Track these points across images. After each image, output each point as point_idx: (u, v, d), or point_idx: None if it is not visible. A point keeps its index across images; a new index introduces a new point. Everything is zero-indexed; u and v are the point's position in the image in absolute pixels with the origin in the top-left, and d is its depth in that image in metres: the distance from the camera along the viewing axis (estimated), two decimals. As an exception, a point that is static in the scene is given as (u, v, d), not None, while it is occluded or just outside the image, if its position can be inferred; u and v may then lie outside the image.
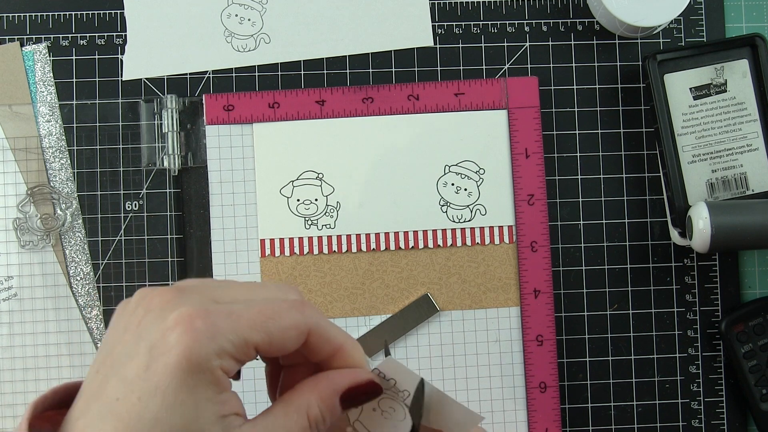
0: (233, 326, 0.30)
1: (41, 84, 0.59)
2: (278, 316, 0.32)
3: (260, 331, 0.31)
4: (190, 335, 0.29)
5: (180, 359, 0.29)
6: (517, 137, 0.59)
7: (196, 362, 0.29)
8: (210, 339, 0.30)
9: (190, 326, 0.29)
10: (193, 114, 0.59)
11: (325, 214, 0.58)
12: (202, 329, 0.29)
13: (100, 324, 0.58)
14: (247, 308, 0.31)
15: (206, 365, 0.29)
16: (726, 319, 0.58)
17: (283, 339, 0.32)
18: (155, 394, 0.29)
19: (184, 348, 0.29)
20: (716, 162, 0.57)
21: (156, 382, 0.29)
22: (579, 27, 0.60)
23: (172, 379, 0.29)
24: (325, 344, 0.33)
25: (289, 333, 0.32)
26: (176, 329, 0.29)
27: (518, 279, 0.58)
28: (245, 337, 0.31)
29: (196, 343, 0.29)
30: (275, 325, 0.31)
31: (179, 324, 0.30)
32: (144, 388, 0.29)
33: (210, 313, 0.30)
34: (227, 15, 0.60)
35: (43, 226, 0.58)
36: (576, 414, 0.59)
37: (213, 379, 0.30)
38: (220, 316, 0.30)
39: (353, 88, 0.59)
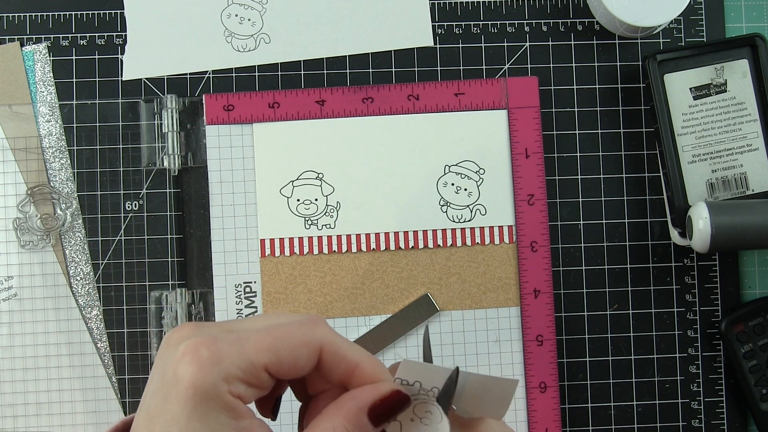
0: (239, 350, 0.31)
1: (41, 84, 0.59)
2: (287, 336, 0.32)
3: (267, 352, 0.31)
4: (196, 363, 0.30)
5: (188, 388, 0.30)
6: (517, 137, 0.59)
7: (203, 389, 0.30)
8: (215, 365, 0.30)
9: (196, 354, 0.30)
10: (193, 114, 0.59)
11: (325, 214, 0.58)
12: (206, 356, 0.30)
13: (100, 324, 0.58)
14: (256, 332, 0.32)
15: (214, 391, 0.30)
16: (726, 319, 0.58)
17: (293, 358, 0.32)
18: (171, 425, 0.30)
19: (191, 376, 0.30)
20: (716, 162, 0.57)
21: (171, 414, 0.30)
22: (579, 27, 0.60)
23: (183, 409, 0.29)
24: (340, 362, 0.33)
25: (298, 351, 0.32)
26: (184, 359, 0.30)
27: (518, 279, 0.58)
28: (251, 359, 0.31)
29: (201, 370, 0.30)
30: (283, 344, 0.31)
31: (186, 354, 0.30)
32: (163, 421, 0.30)
33: (216, 341, 0.31)
34: (227, 15, 0.60)
35: (43, 226, 0.58)
36: (576, 414, 0.59)
37: (224, 405, 0.30)
38: (226, 343, 0.31)
39: (353, 88, 0.59)
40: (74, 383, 0.57)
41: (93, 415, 0.57)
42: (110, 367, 0.58)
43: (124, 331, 0.58)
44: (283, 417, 0.57)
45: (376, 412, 0.32)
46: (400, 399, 0.33)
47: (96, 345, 0.58)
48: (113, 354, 0.58)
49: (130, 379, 0.57)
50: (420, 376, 0.34)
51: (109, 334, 0.58)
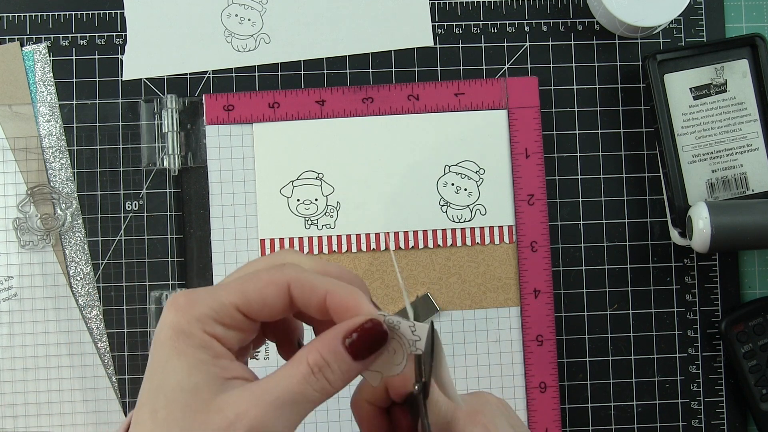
0: (211, 294, 0.33)
1: (41, 84, 0.59)
2: (255, 278, 0.33)
3: (236, 293, 0.33)
4: (174, 309, 0.33)
5: (168, 331, 0.32)
6: (517, 137, 0.59)
7: (180, 330, 0.32)
8: (190, 308, 0.33)
9: (174, 303, 0.33)
10: (193, 114, 0.59)
11: (325, 214, 0.58)
12: (182, 302, 0.33)
13: (100, 324, 0.58)
14: (231, 281, 0.34)
15: (190, 330, 0.32)
16: (726, 319, 0.58)
17: (260, 296, 0.33)
18: (157, 368, 0.32)
19: (169, 320, 0.33)
20: (716, 162, 0.57)
21: (155, 359, 0.33)
22: (579, 27, 0.60)
23: (164, 350, 0.32)
24: (310, 294, 0.33)
25: (266, 290, 0.33)
26: (165, 312, 0.33)
27: (518, 279, 0.58)
28: (222, 300, 0.33)
29: (177, 314, 0.33)
30: (250, 285, 0.33)
31: (167, 307, 0.33)
32: (151, 368, 0.33)
33: (193, 291, 0.34)
34: (227, 15, 0.60)
35: (43, 226, 0.58)
36: (576, 414, 0.59)
37: (201, 343, 0.32)
38: (202, 291, 0.34)
39: (353, 88, 0.59)
40: (74, 383, 0.57)
41: (93, 415, 0.57)
42: (110, 367, 0.58)
43: (124, 331, 0.58)
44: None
45: (354, 342, 0.33)
46: (376, 330, 0.33)
47: (96, 345, 0.58)
48: (113, 354, 0.58)
49: (130, 379, 0.57)
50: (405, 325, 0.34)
51: (109, 334, 0.58)
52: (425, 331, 0.33)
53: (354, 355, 0.33)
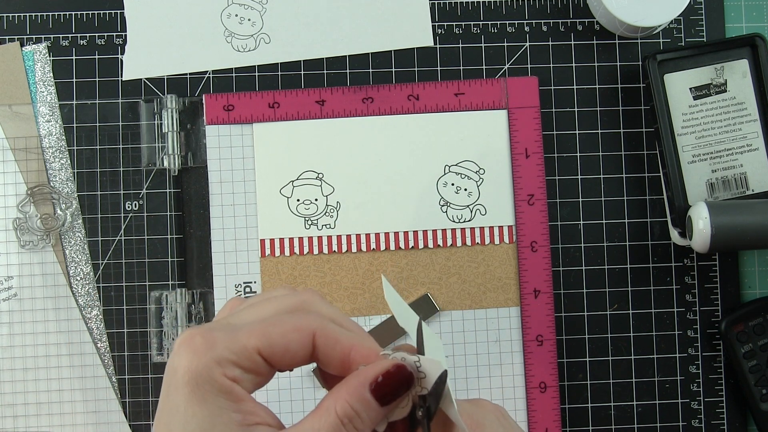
0: (231, 336, 0.32)
1: (41, 84, 0.59)
2: (279, 322, 0.32)
3: (259, 336, 0.32)
4: (191, 350, 0.31)
5: (184, 375, 0.31)
6: (517, 137, 0.59)
7: (198, 374, 0.31)
8: (209, 350, 0.31)
9: (191, 343, 0.31)
10: (193, 114, 0.59)
11: (325, 214, 0.58)
12: (200, 343, 0.31)
13: (100, 324, 0.58)
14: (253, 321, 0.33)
15: (209, 375, 0.31)
16: (726, 319, 0.58)
17: (284, 342, 0.32)
18: (174, 414, 0.31)
19: (186, 363, 0.31)
20: (716, 162, 0.57)
21: (172, 403, 0.31)
22: (579, 27, 0.60)
23: (182, 396, 0.31)
24: (335, 346, 0.33)
25: (290, 336, 0.32)
26: (180, 350, 0.31)
27: (518, 279, 0.58)
28: (243, 343, 0.31)
29: (195, 356, 0.31)
30: (275, 329, 0.32)
31: (182, 344, 0.31)
32: (167, 412, 0.31)
33: (210, 330, 0.32)
34: (227, 15, 0.60)
35: (43, 226, 0.58)
36: (576, 414, 0.59)
37: (221, 388, 0.31)
38: (220, 331, 0.32)
39: (353, 88, 0.59)
40: (74, 383, 0.57)
41: (93, 415, 0.57)
42: (110, 367, 0.58)
43: (124, 331, 0.58)
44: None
45: (380, 388, 0.32)
46: (402, 374, 0.33)
47: (96, 345, 0.58)
48: (113, 354, 0.58)
49: (130, 379, 0.57)
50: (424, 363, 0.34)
51: (109, 334, 0.58)
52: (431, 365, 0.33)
53: (381, 402, 0.32)
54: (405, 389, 0.33)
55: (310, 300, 0.35)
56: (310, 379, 0.57)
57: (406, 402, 0.34)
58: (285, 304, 0.34)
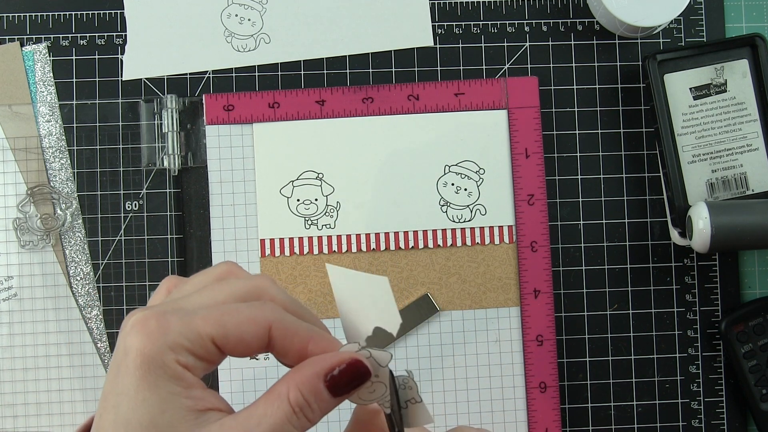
0: (186, 321, 0.31)
1: (41, 84, 0.59)
2: (235, 312, 0.32)
3: (214, 325, 0.31)
4: (144, 333, 0.30)
5: (136, 358, 0.30)
6: (517, 137, 0.59)
7: (151, 358, 0.30)
8: (163, 335, 0.30)
9: (145, 326, 0.31)
10: (193, 114, 0.59)
11: (325, 214, 0.58)
12: (154, 326, 0.31)
13: (100, 324, 0.58)
14: (207, 306, 0.32)
15: (162, 360, 0.30)
16: (726, 319, 0.58)
17: (239, 333, 0.32)
18: (123, 396, 0.30)
19: (138, 345, 0.30)
20: (716, 162, 0.57)
21: (122, 385, 0.30)
22: (579, 27, 0.60)
23: (132, 379, 0.30)
24: (292, 338, 0.33)
25: (245, 327, 0.32)
26: (132, 331, 0.31)
27: (518, 279, 0.58)
28: (198, 330, 0.31)
29: (149, 340, 0.30)
30: (230, 319, 0.32)
31: (135, 326, 0.31)
32: (114, 394, 0.31)
33: (165, 313, 0.31)
34: (227, 15, 0.60)
35: (43, 226, 0.58)
36: (576, 414, 0.59)
37: (174, 374, 0.31)
38: (175, 315, 0.31)
39: (353, 88, 0.59)
40: (74, 383, 0.57)
41: (93, 415, 0.57)
42: (110, 367, 0.57)
43: (124, 331, 0.58)
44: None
45: (333, 380, 0.32)
46: (359, 369, 0.32)
47: (96, 345, 0.58)
48: (113, 354, 0.58)
49: (130, 379, 0.57)
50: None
51: (109, 334, 0.58)
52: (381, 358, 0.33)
53: (334, 393, 0.32)
54: (359, 383, 0.33)
55: (264, 286, 0.34)
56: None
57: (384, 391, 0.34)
58: (239, 290, 0.34)
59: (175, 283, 0.37)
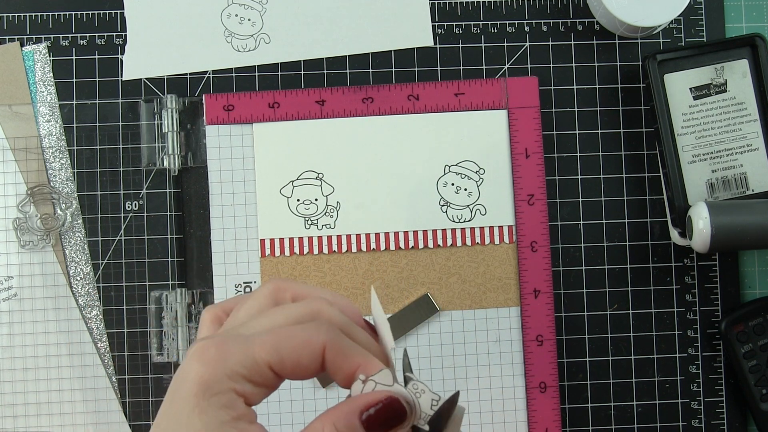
0: (244, 349, 0.32)
1: (41, 84, 0.59)
2: (290, 336, 0.32)
3: (270, 351, 0.32)
4: (204, 361, 0.31)
5: (193, 386, 0.31)
6: (517, 137, 0.59)
7: (208, 385, 0.31)
8: (221, 362, 0.31)
9: (205, 354, 0.31)
10: (193, 114, 0.59)
11: (325, 214, 0.58)
12: (213, 354, 0.31)
13: (100, 324, 0.58)
14: (263, 332, 0.33)
15: (218, 387, 0.31)
16: (726, 319, 0.58)
17: (296, 357, 0.32)
18: (173, 420, 0.31)
19: (197, 373, 0.31)
20: (716, 162, 0.57)
21: (175, 410, 0.31)
22: (579, 27, 0.60)
23: (186, 404, 0.31)
24: (342, 362, 0.33)
25: (300, 351, 0.32)
26: (192, 359, 0.31)
27: (518, 279, 0.58)
28: (255, 358, 0.31)
29: (207, 367, 0.31)
30: (286, 344, 0.32)
31: (195, 354, 0.31)
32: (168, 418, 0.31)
33: (224, 341, 0.32)
34: (227, 15, 0.60)
35: (43, 226, 0.58)
36: (576, 414, 0.59)
37: (226, 402, 0.31)
38: (233, 343, 0.32)
39: (353, 88, 0.59)
40: (74, 383, 0.57)
41: (93, 415, 0.57)
42: (110, 367, 0.58)
43: (124, 331, 0.58)
44: (283, 416, 0.57)
45: (369, 419, 0.32)
46: (394, 408, 0.33)
47: (96, 345, 0.58)
48: (113, 354, 0.58)
49: (130, 379, 0.57)
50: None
51: (109, 334, 0.58)
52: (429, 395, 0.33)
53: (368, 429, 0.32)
54: (395, 423, 0.33)
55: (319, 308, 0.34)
56: (310, 380, 0.57)
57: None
58: (295, 314, 0.34)
59: (216, 313, 0.37)
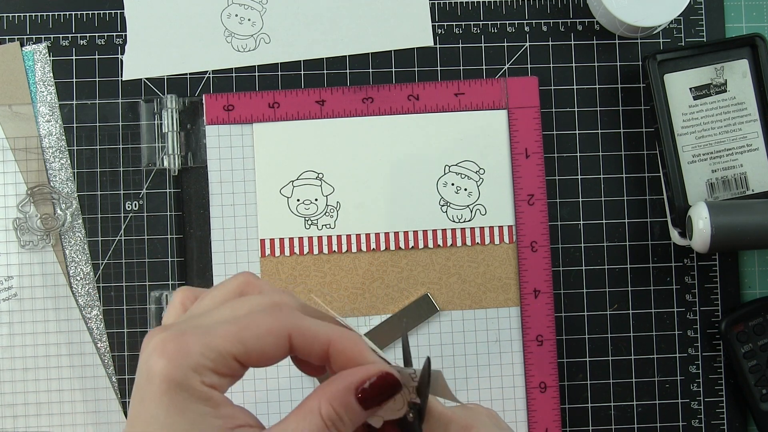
0: (206, 341, 0.31)
1: (41, 84, 0.59)
2: (253, 325, 0.32)
3: (234, 342, 0.31)
4: (166, 357, 0.30)
5: (161, 383, 0.30)
6: (517, 137, 0.59)
7: (176, 382, 0.30)
8: (184, 357, 0.30)
9: (165, 349, 0.30)
10: (193, 114, 0.59)
11: (325, 214, 0.58)
12: (174, 349, 0.30)
13: (100, 324, 0.58)
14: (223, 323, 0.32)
15: (187, 383, 0.30)
16: (726, 319, 0.58)
17: (260, 346, 0.32)
18: (151, 422, 0.30)
19: (161, 370, 0.30)
20: (716, 162, 0.57)
21: (149, 411, 0.30)
22: (579, 27, 0.60)
23: (160, 404, 0.30)
24: (312, 343, 0.33)
25: (265, 339, 0.32)
26: (153, 356, 0.31)
27: (518, 279, 0.58)
28: (219, 349, 0.31)
29: (171, 363, 0.30)
30: (249, 333, 0.32)
31: (155, 350, 0.31)
32: (143, 421, 0.30)
33: (183, 334, 0.31)
34: (227, 15, 0.60)
35: (43, 226, 0.58)
36: (576, 414, 0.59)
37: (200, 395, 0.31)
38: (194, 335, 0.31)
39: (353, 88, 0.59)
40: (74, 383, 0.57)
41: (93, 415, 0.57)
42: (110, 367, 0.58)
43: (124, 331, 0.58)
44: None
45: (365, 393, 0.32)
46: (389, 382, 0.33)
47: (96, 345, 0.58)
48: (113, 354, 0.58)
49: (130, 379, 0.57)
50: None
51: (109, 334, 0.58)
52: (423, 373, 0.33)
53: (365, 407, 0.33)
54: (389, 395, 0.33)
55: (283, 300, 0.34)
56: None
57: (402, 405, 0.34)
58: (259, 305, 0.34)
59: (188, 296, 0.37)
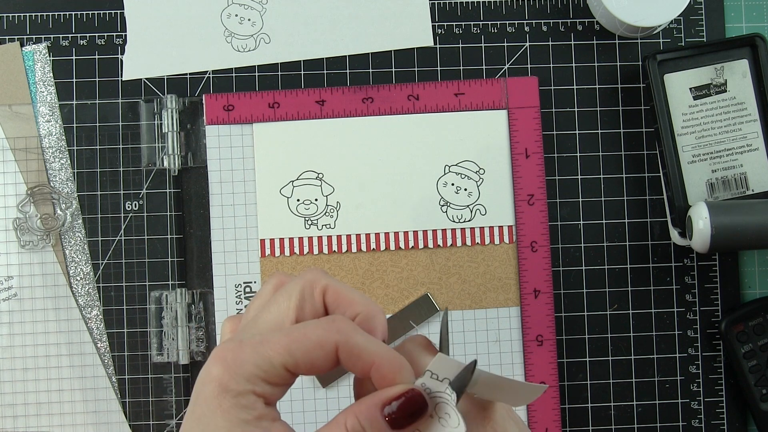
0: (259, 351, 0.33)
1: (41, 84, 0.59)
2: (303, 338, 0.33)
3: (284, 353, 0.33)
4: (223, 365, 0.33)
5: (214, 387, 0.33)
6: (517, 137, 0.59)
7: (227, 387, 0.32)
8: (239, 366, 0.33)
9: (222, 359, 0.33)
10: (193, 114, 0.59)
11: (325, 214, 0.58)
12: (231, 358, 0.33)
13: (100, 324, 0.58)
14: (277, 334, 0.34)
15: (237, 389, 0.32)
16: (726, 319, 0.58)
17: (309, 358, 0.33)
18: (198, 423, 0.33)
19: (217, 376, 0.33)
20: (716, 162, 0.57)
21: (199, 411, 0.33)
22: (579, 27, 0.60)
23: (208, 407, 0.32)
24: (356, 361, 0.34)
25: (313, 352, 0.33)
26: (212, 363, 0.33)
27: (518, 279, 0.58)
28: (271, 360, 0.33)
29: (227, 370, 0.33)
30: (298, 346, 0.33)
31: (214, 358, 0.33)
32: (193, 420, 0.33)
33: (241, 345, 0.33)
34: (227, 15, 0.60)
35: (43, 226, 0.58)
36: (576, 414, 0.59)
37: (246, 404, 0.33)
38: (249, 346, 0.33)
39: (353, 88, 0.59)
40: (74, 383, 0.57)
41: (93, 415, 0.57)
42: (110, 367, 0.58)
43: (124, 331, 0.58)
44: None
45: (392, 413, 0.33)
46: (416, 401, 0.34)
47: (96, 345, 0.58)
48: (113, 354, 0.58)
49: (130, 379, 0.57)
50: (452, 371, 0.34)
51: (109, 334, 0.58)
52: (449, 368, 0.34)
53: (392, 424, 0.33)
54: (418, 416, 0.34)
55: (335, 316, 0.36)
56: (310, 380, 0.57)
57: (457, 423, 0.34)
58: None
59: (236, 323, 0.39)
